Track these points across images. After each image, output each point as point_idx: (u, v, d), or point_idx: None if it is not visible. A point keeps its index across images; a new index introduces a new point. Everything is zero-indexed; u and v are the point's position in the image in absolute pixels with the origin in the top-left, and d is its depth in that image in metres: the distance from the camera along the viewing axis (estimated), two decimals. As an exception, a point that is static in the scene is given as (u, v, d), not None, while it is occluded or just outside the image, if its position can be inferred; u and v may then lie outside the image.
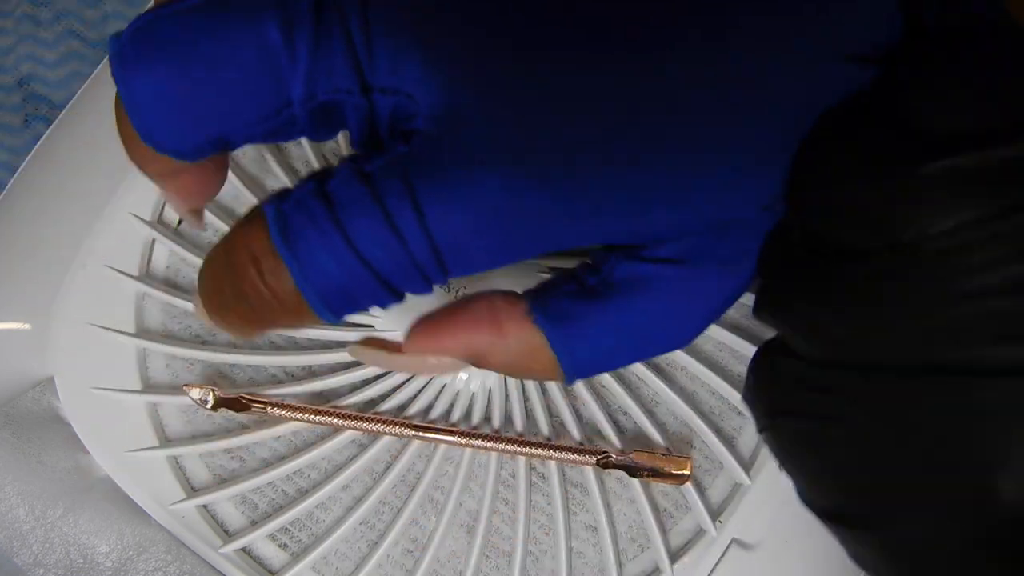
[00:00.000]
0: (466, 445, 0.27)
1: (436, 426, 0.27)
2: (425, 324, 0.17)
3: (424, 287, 0.15)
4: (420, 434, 0.27)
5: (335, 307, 0.15)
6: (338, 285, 0.15)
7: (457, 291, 0.28)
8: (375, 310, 0.28)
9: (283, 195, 0.15)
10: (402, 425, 0.27)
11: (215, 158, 0.17)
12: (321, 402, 0.28)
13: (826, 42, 0.15)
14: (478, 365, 0.17)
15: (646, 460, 0.27)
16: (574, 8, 0.15)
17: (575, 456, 0.27)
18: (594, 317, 0.17)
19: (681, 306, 0.17)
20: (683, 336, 0.18)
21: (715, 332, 0.27)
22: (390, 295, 0.15)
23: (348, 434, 0.28)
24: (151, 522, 0.28)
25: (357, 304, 0.15)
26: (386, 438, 0.28)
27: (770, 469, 0.27)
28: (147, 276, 0.29)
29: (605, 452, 0.27)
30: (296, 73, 0.14)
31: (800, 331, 0.16)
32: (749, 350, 0.27)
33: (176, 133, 0.15)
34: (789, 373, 0.17)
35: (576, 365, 0.17)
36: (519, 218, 0.15)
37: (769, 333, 0.18)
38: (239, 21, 0.14)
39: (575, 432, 0.27)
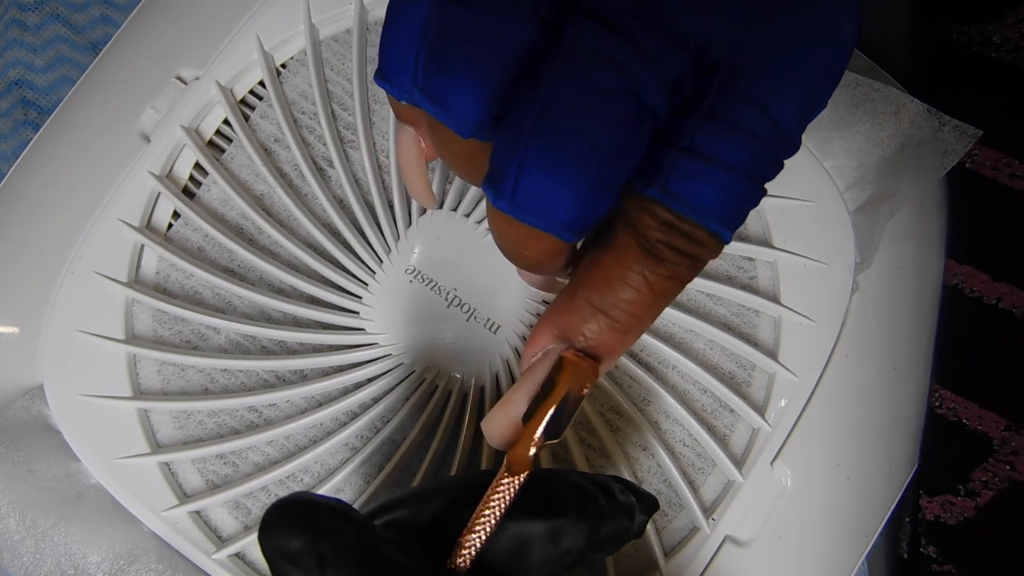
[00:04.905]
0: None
1: None
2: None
3: (777, 168, 0.18)
4: None
5: (733, 223, 0.17)
6: (730, 204, 0.17)
7: (461, 304, 0.28)
8: (368, 313, 0.28)
9: (649, 177, 0.17)
10: None
11: None
12: (313, 405, 0.28)
13: None
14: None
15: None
16: None
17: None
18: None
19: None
20: None
21: (705, 331, 0.28)
22: (759, 191, 0.17)
23: (341, 437, 0.28)
24: (143, 530, 0.28)
25: (744, 213, 0.17)
26: (380, 441, 0.28)
27: (763, 466, 0.27)
28: (136, 282, 0.29)
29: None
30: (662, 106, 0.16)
31: None
32: (740, 348, 0.28)
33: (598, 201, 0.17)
34: None
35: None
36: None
37: (761, 334, 0.18)
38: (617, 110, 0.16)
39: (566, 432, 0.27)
